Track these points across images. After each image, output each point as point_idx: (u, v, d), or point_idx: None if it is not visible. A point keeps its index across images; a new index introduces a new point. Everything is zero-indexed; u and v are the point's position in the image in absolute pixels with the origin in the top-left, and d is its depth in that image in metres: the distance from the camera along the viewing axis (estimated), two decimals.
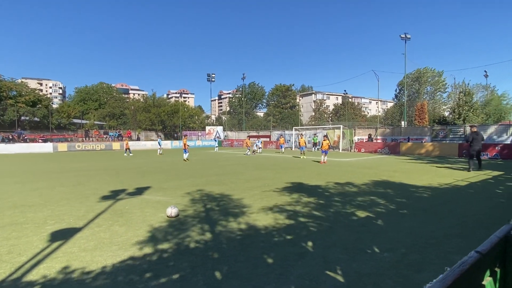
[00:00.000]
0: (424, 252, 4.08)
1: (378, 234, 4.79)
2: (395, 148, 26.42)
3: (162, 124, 54.71)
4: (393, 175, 11.85)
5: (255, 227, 5.19)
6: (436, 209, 6.46)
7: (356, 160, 19.77)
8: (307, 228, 5.12)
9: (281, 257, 3.91)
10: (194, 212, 6.22)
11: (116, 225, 5.39)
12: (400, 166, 15.57)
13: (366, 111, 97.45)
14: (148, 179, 11.18)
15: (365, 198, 7.51)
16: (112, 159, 22.29)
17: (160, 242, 4.49)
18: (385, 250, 4.11)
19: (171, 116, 55.54)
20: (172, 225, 5.32)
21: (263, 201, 7.19)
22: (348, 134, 31.94)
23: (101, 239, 4.63)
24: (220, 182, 10.30)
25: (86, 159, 22.97)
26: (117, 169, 14.98)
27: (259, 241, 4.48)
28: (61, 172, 13.82)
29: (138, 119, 53.44)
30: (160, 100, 60.94)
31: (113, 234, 4.87)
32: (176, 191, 8.69)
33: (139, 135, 50.13)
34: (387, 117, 68.75)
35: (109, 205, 6.90)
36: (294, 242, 4.46)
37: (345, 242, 4.44)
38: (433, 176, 11.54)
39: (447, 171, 13.50)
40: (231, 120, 79.27)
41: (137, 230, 5.08)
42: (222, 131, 52.37)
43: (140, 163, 18.33)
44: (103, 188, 9.29)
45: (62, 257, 3.97)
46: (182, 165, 16.92)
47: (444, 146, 23.69)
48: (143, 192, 8.49)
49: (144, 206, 6.84)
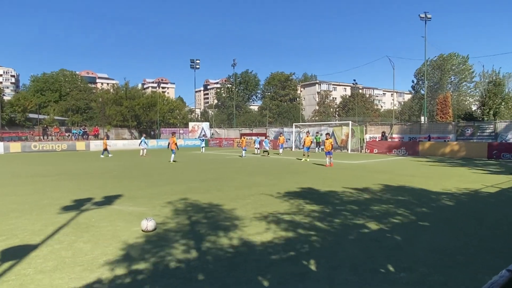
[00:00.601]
0: (449, 271, 4.10)
1: (393, 250, 4.81)
2: (414, 148, 26.68)
3: (136, 119, 54.40)
4: (411, 180, 11.95)
5: (249, 242, 5.18)
6: (462, 220, 6.53)
7: (367, 163, 19.90)
8: (310, 244, 5.12)
9: (278, 279, 3.90)
10: (176, 226, 6.18)
11: (80, 241, 5.33)
12: (420, 170, 15.72)
13: (380, 105, 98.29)
14: (120, 186, 11.09)
15: (379, 207, 7.55)
16: (76, 162, 22.06)
17: (134, 261, 4.45)
18: (402, 270, 4.13)
19: (147, 110, 55.27)
20: (150, 241, 5.28)
21: (258, 212, 7.18)
22: (358, 131, 32.16)
23: (62, 259, 4.56)
24: (205, 189, 10.27)
25: (44, 161, 22.70)
26: (81, 174, 14.82)
27: (252, 260, 4.47)
28: (14, 178, 13.64)
29: (107, 113, 53.02)
30: (134, 91, 60.52)
31: (77, 252, 4.81)
32: (153, 200, 8.64)
33: (108, 133, 49.74)
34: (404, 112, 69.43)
35: (71, 218, 6.82)
36: (294, 260, 4.45)
37: (354, 260, 4.45)
38: (458, 181, 11.67)
39: (475, 175, 13.67)
40: (219, 115, 79.28)
41: (105, 247, 5.03)
42: (208, 128, 52.31)
43: (110, 166, 18.19)
44: (64, 197, 9.18)
45: (14, 281, 3.90)
46: (161, 169, 16.83)
47: (471, 146, 24.00)
48: (113, 202, 8.41)
49: (115, 218, 6.78)
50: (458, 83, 62.21)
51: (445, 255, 4.62)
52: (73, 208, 7.74)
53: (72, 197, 9.11)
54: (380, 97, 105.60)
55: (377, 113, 77.55)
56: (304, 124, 42.47)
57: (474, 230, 5.88)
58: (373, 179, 12.34)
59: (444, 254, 4.66)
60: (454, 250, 4.84)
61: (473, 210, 7.50)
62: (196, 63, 58.16)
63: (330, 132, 34.24)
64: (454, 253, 4.72)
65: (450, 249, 4.86)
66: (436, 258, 4.53)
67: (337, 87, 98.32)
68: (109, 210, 7.50)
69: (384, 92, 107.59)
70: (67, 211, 7.45)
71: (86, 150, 38.15)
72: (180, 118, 62.28)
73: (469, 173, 14.51)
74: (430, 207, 7.65)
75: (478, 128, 27.28)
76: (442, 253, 4.71)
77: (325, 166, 17.39)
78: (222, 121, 70.80)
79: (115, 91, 59.87)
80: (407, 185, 10.87)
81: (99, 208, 7.75)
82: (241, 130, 49.30)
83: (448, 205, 7.97)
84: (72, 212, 7.29)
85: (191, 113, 76.23)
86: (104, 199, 8.80)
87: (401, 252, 4.75)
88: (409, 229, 5.90)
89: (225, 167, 17.54)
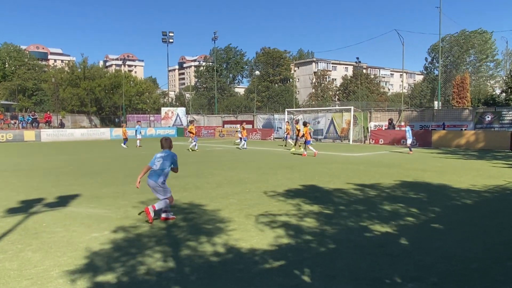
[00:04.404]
0: (464, 281, 4.17)
1: (400, 258, 4.87)
2: (425, 138, 27.03)
3: (97, 104, 53.65)
4: (422, 176, 12.13)
5: (234, 249, 5.18)
6: (480, 222, 6.65)
7: (372, 155, 20.11)
8: (304, 250, 5.15)
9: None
10: (150, 229, 6.18)
11: (28, 250, 5.26)
12: (432, 163, 15.95)
13: (387, 87, 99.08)
14: (77, 184, 10.98)
15: (384, 208, 7.64)
16: (24, 155, 21.69)
17: (94, 272, 4.40)
18: (410, 280, 4.18)
19: (110, 92, 54.56)
20: (117, 248, 5.25)
21: (245, 213, 7.21)
22: (361, 118, 32.37)
23: (6, 271, 4.49)
24: (182, 187, 10.23)
25: None
26: (31, 169, 14.62)
27: (236, 270, 4.47)
28: None
29: (62, 96, 52.13)
30: (94, 70, 59.65)
31: (24, 264, 4.74)
32: (118, 200, 8.59)
33: (63, 120, 48.93)
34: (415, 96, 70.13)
35: (18, 222, 6.73)
36: (284, 270, 4.47)
37: (355, 269, 4.49)
38: (475, 177, 11.89)
39: (495, 169, 13.93)
40: (198, 99, 78.76)
41: (59, 257, 4.97)
42: (184, 114, 51.97)
43: (66, 160, 17.93)
44: (9, 197, 9.05)
45: None
46: (131, 163, 16.69)
47: (491, 135, 24.41)
48: (68, 203, 8.33)
49: (70, 222, 6.70)
50: (478, 63, 62.84)
51: (459, 262, 4.70)
52: (20, 210, 7.63)
53: (19, 197, 8.98)
54: (387, 78, 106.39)
55: (384, 97, 78.26)
56: (299, 110, 42.53)
57: (494, 233, 6.00)
58: (377, 175, 12.47)
59: (458, 261, 4.73)
60: (470, 256, 4.92)
61: (493, 210, 7.64)
62: (170, 36, 57.16)
63: (329, 118, 34.46)
64: (470, 259, 4.80)
65: (465, 256, 4.94)
66: (448, 265, 4.60)
67: (337, 66, 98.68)
68: (63, 213, 7.42)
69: (392, 72, 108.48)
70: (12, 214, 7.34)
71: (36, 141, 37.52)
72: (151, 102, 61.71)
73: (488, 166, 14.77)
74: (443, 207, 7.78)
75: (499, 114, 27.67)
76: (456, 260, 4.79)
77: (313, 156, 19.03)
78: (201, 106, 70.40)
79: (71, 69, 58.78)
80: (418, 181, 11.02)
81: (51, 210, 7.65)
82: (223, 118, 49.14)
83: (464, 204, 8.10)
84: (19, 216, 7.19)
85: (164, 97, 75.58)
86: (58, 199, 8.70)
87: (409, 259, 4.81)
88: (419, 232, 5.99)
89: (205, 161, 17.48)
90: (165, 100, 72.65)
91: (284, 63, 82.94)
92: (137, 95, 58.94)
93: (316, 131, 33.97)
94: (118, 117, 54.20)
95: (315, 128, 34.18)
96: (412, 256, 4.91)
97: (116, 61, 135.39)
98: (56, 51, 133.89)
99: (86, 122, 52.51)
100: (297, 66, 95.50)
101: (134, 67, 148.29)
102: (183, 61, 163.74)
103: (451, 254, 4.98)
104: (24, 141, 37.15)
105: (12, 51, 68.64)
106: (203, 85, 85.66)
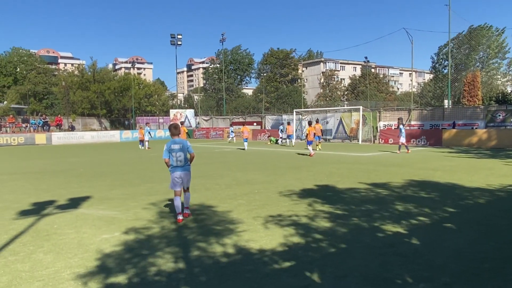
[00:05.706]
0: (475, 281, 4.13)
1: (411, 258, 4.83)
2: (436, 136, 26.84)
3: (106, 107, 54.08)
4: (433, 175, 12.03)
5: (244, 250, 5.19)
6: (492, 222, 6.58)
7: (381, 155, 20.00)
8: (314, 250, 5.13)
9: None
10: (161, 231, 6.22)
11: (40, 252, 5.30)
12: (443, 162, 15.82)
13: (396, 86, 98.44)
14: (88, 186, 11.07)
15: (395, 207, 7.59)
16: (35, 158, 21.93)
17: (105, 273, 4.43)
18: (421, 280, 4.15)
19: (120, 95, 54.96)
20: (128, 249, 5.28)
21: (254, 214, 7.21)
22: (370, 118, 32.26)
23: (18, 273, 4.54)
24: (192, 188, 10.20)
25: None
26: (42, 172, 14.76)
27: (246, 271, 4.47)
28: None
29: (72, 100, 52.61)
30: (104, 73, 60.14)
31: (36, 265, 4.78)
32: (128, 201, 8.64)
33: (73, 123, 49.39)
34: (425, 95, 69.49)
35: (29, 224, 6.79)
36: (294, 270, 4.46)
37: (365, 269, 4.47)
38: (488, 176, 11.76)
39: (507, 168, 13.78)
40: (206, 101, 78.95)
41: (70, 258, 5.01)
42: (193, 116, 52.15)
43: (77, 163, 18.09)
44: (21, 199, 9.14)
45: None
46: (140, 165, 16.80)
47: (503, 134, 24.16)
48: (78, 205, 8.39)
49: (81, 224, 6.76)
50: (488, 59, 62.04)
51: (471, 262, 4.65)
52: (31, 212, 7.70)
53: (31, 199, 9.06)
54: (396, 78, 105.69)
55: (393, 97, 77.72)
56: (307, 111, 42.46)
57: (506, 233, 5.93)
58: (388, 175, 12.40)
59: (471, 261, 4.69)
60: (482, 256, 4.87)
61: (506, 209, 7.55)
62: (178, 38, 57.46)
63: (338, 118, 34.40)
64: (483, 259, 4.75)
65: (478, 255, 4.89)
66: (461, 265, 4.56)
67: (346, 66, 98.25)
68: (74, 215, 7.47)
69: (401, 71, 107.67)
70: (24, 216, 7.41)
71: (47, 144, 37.93)
72: (160, 104, 62.01)
73: (501, 165, 14.61)
74: (455, 206, 7.70)
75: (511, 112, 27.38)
76: (468, 259, 4.75)
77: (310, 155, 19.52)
78: (209, 108, 70.55)
79: (81, 73, 59.35)
80: (429, 180, 10.94)
81: (62, 212, 7.72)
82: (232, 119, 49.23)
83: (477, 203, 8.02)
84: (31, 218, 7.26)
85: (173, 99, 75.97)
86: (68, 201, 8.77)
87: (421, 259, 4.78)
88: (431, 232, 5.94)
89: (214, 162, 17.53)
90: (173, 102, 73.05)
91: (291, 62, 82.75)
92: (145, 97, 59.23)
93: (325, 131, 33.87)
94: (128, 120, 54.60)
95: (324, 128, 34.09)
96: (424, 256, 4.87)
97: (125, 64, 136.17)
98: (66, 55, 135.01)
99: (96, 125, 52.96)
100: (305, 67, 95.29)
101: (143, 69, 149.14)
102: (192, 63, 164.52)
103: (463, 254, 4.94)
104: (36, 144, 37.57)
105: (24, 55, 69.46)
106: (211, 86, 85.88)
